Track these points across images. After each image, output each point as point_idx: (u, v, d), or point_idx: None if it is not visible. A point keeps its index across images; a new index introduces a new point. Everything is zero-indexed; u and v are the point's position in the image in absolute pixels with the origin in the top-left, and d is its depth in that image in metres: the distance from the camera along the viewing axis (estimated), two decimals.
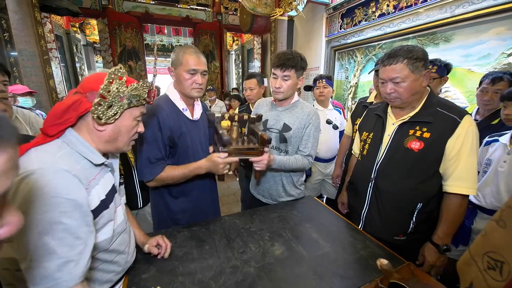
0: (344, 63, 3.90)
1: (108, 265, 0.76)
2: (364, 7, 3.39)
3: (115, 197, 0.79)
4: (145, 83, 0.74)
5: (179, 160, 1.21)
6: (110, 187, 0.75)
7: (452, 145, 0.97)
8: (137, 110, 0.75)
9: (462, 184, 0.98)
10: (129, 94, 0.70)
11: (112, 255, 0.77)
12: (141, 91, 0.73)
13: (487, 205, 1.29)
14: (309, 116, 1.34)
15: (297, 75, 1.29)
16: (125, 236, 0.83)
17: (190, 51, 1.13)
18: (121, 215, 0.83)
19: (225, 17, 6.23)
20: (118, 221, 0.80)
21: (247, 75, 2.20)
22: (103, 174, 0.74)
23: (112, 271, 0.78)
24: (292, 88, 1.31)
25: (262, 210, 1.33)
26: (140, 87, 0.72)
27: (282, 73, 1.26)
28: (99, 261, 0.73)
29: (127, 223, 0.88)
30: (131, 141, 0.78)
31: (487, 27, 2.13)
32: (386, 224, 1.12)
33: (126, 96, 0.69)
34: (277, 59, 1.26)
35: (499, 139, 1.33)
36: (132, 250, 0.90)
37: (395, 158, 1.08)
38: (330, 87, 2.12)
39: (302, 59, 1.27)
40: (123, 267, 0.83)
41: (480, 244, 0.56)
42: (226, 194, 3.57)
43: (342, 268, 0.89)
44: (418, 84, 1.01)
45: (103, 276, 0.75)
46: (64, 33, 5.33)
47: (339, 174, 2.05)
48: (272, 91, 1.35)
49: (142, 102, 0.75)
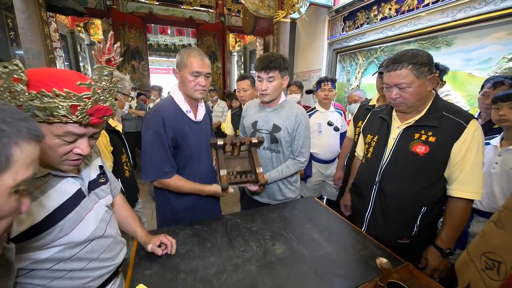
0: (346, 65, 3.92)
1: (78, 272, 0.71)
2: (366, 10, 3.41)
3: (83, 203, 0.72)
4: (67, 94, 0.53)
5: (182, 161, 1.24)
6: (68, 196, 0.68)
7: (458, 149, 0.96)
8: (58, 128, 0.56)
9: (467, 188, 0.97)
10: (28, 104, 0.51)
11: (82, 263, 0.72)
12: (52, 104, 0.52)
13: (483, 207, 1.31)
14: (298, 116, 1.36)
15: (282, 75, 1.32)
16: (101, 242, 0.77)
17: (194, 54, 1.16)
18: (93, 221, 0.75)
19: (228, 18, 6.27)
20: (88, 228, 0.72)
21: (240, 76, 2.22)
22: (55, 183, 0.65)
23: (86, 277, 0.73)
24: (278, 89, 1.34)
25: (263, 210, 1.34)
26: (50, 98, 0.52)
27: (267, 75, 1.29)
28: (64, 271, 0.68)
29: (106, 227, 0.80)
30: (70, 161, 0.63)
31: (488, 31, 2.14)
32: (390, 227, 1.12)
33: (25, 107, 0.52)
34: (260, 63, 1.30)
35: (490, 142, 1.35)
36: (116, 253, 0.84)
37: (400, 161, 1.08)
38: (334, 90, 2.13)
39: (284, 60, 1.32)
40: (102, 271, 0.78)
41: (478, 245, 0.58)
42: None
43: (343, 268, 0.90)
44: (424, 89, 1.00)
45: (74, 283, 0.71)
46: (68, 32, 5.37)
47: (340, 176, 2.05)
48: (259, 94, 1.38)
49: (60, 119, 0.55)
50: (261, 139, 1.33)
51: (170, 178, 1.19)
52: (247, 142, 1.30)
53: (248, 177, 1.26)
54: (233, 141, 1.29)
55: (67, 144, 0.60)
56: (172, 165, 1.20)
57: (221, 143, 1.25)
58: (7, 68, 0.48)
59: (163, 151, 1.16)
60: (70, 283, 0.70)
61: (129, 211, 1.02)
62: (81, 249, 0.71)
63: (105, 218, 0.81)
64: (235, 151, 1.33)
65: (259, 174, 1.23)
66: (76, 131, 0.59)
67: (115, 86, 0.63)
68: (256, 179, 1.24)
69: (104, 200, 0.83)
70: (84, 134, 0.61)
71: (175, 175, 1.20)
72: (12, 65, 0.48)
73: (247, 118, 1.51)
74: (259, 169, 1.25)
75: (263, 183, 1.25)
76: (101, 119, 0.62)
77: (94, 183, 0.80)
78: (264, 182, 1.26)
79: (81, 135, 0.61)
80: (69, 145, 0.60)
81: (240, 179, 1.25)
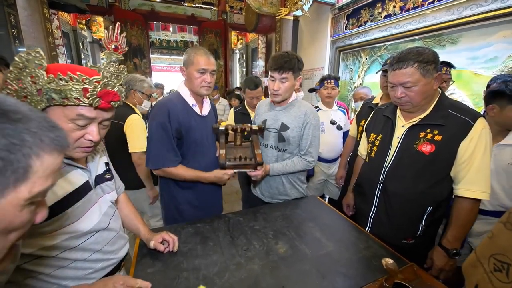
0: (349, 63, 3.89)
1: (82, 263, 0.74)
2: (370, 8, 3.38)
3: (89, 196, 0.75)
4: (80, 77, 0.59)
5: (186, 154, 1.29)
6: (76, 186, 0.71)
7: (465, 148, 0.95)
8: (72, 111, 0.61)
9: (473, 188, 0.96)
10: (46, 87, 0.57)
11: (86, 253, 0.74)
12: (66, 87, 0.58)
13: (485, 206, 1.30)
14: (307, 115, 1.35)
15: (294, 76, 1.31)
16: (104, 234, 0.80)
17: (200, 52, 1.22)
18: (97, 214, 0.78)
19: (230, 16, 6.24)
20: (92, 219, 0.76)
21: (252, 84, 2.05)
22: (65, 172, 0.69)
23: (88, 268, 0.76)
24: (290, 89, 1.33)
25: (266, 208, 1.34)
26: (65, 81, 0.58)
27: (280, 76, 1.27)
28: (68, 260, 0.71)
29: (110, 221, 0.83)
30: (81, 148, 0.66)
31: (495, 29, 2.11)
32: (395, 227, 1.11)
33: (44, 90, 0.57)
34: (274, 62, 1.26)
35: None
36: (119, 247, 0.87)
37: (405, 160, 1.07)
38: (337, 88, 2.12)
39: (299, 61, 1.29)
40: (104, 264, 0.80)
41: (486, 246, 0.57)
42: (229, 193, 3.59)
43: (345, 267, 0.90)
44: (430, 88, 0.99)
45: (76, 273, 0.73)
46: (71, 30, 5.38)
47: (342, 175, 2.04)
48: (270, 93, 1.37)
49: (74, 101, 0.59)
50: (261, 126, 1.34)
51: (174, 167, 1.23)
52: (248, 128, 1.32)
53: (248, 161, 1.27)
54: (235, 127, 1.32)
55: (80, 129, 0.64)
56: (176, 154, 1.25)
57: (223, 128, 1.30)
58: (31, 55, 0.55)
59: (169, 141, 1.21)
60: (73, 273, 0.73)
61: (131, 209, 1.04)
62: (86, 240, 0.74)
63: (109, 212, 0.84)
64: (238, 140, 1.36)
65: (258, 155, 1.24)
66: (88, 114, 0.63)
67: (122, 73, 0.68)
68: (255, 161, 1.24)
69: (109, 195, 0.85)
70: (94, 118, 0.65)
71: (179, 165, 1.25)
72: (35, 52, 0.55)
73: (258, 117, 1.52)
74: (257, 150, 1.26)
75: (261, 163, 1.24)
76: (110, 103, 0.66)
77: (100, 178, 0.83)
78: (262, 162, 1.25)
79: (92, 119, 0.65)
80: (81, 130, 0.64)
81: (240, 162, 1.26)
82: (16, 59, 0.55)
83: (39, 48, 0.55)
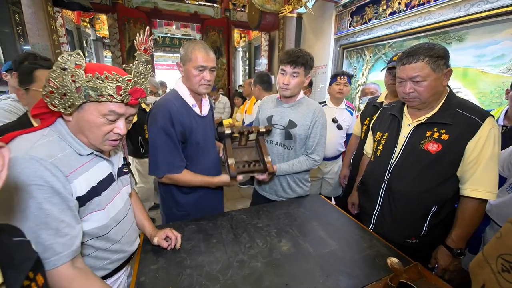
0: (353, 61, 3.85)
1: (102, 252, 0.77)
2: (374, 5, 3.33)
3: (112, 186, 0.80)
4: (114, 76, 0.64)
5: (189, 156, 1.24)
6: (104, 176, 0.77)
7: (472, 147, 0.93)
8: (105, 107, 0.66)
9: (480, 188, 0.94)
10: (85, 85, 0.62)
11: (108, 243, 0.78)
12: (102, 85, 0.63)
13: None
14: (315, 114, 1.34)
15: (305, 73, 1.30)
16: (123, 226, 0.84)
17: (199, 47, 1.12)
18: (120, 204, 0.83)
19: (233, 13, 6.20)
20: (116, 209, 0.80)
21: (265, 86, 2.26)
22: (96, 162, 0.75)
23: (107, 258, 0.79)
24: (299, 85, 1.32)
25: (269, 206, 1.34)
26: (101, 80, 0.63)
27: (292, 70, 1.26)
28: (92, 248, 0.74)
29: (127, 212, 0.88)
30: (109, 141, 0.72)
31: (502, 27, 2.07)
32: (399, 226, 1.10)
33: (82, 88, 0.62)
34: (288, 56, 1.26)
35: None
36: (133, 239, 0.90)
37: (411, 159, 1.05)
38: (349, 86, 2.08)
39: (311, 58, 1.29)
40: (120, 255, 0.83)
41: (494, 246, 0.56)
42: (232, 190, 3.60)
43: (349, 266, 0.89)
44: (439, 83, 0.97)
45: (95, 263, 0.76)
46: (74, 27, 5.39)
47: (346, 174, 2.03)
48: (279, 87, 1.35)
49: (108, 98, 0.65)
50: (269, 128, 1.31)
51: (180, 173, 1.18)
52: (255, 130, 1.29)
53: (256, 166, 1.25)
54: (241, 130, 1.28)
55: (109, 124, 0.69)
56: (182, 159, 1.19)
57: (229, 132, 1.24)
58: (72, 56, 0.61)
59: (173, 146, 1.14)
60: (93, 262, 0.76)
61: (139, 204, 1.06)
62: (110, 230, 0.78)
63: (126, 204, 0.89)
64: (243, 141, 1.33)
65: (268, 163, 1.23)
66: (118, 110, 0.69)
67: (148, 72, 0.74)
68: (264, 168, 1.24)
69: (126, 188, 0.91)
70: (123, 114, 0.71)
71: (184, 170, 1.20)
72: (76, 54, 0.61)
73: (262, 112, 1.50)
74: (267, 158, 1.24)
75: (272, 172, 1.24)
76: (137, 100, 0.72)
77: (120, 170, 0.88)
78: (273, 171, 1.24)
79: (120, 115, 0.70)
80: (111, 125, 0.70)
81: (248, 168, 1.24)
82: (58, 59, 0.60)
83: (79, 50, 0.61)
